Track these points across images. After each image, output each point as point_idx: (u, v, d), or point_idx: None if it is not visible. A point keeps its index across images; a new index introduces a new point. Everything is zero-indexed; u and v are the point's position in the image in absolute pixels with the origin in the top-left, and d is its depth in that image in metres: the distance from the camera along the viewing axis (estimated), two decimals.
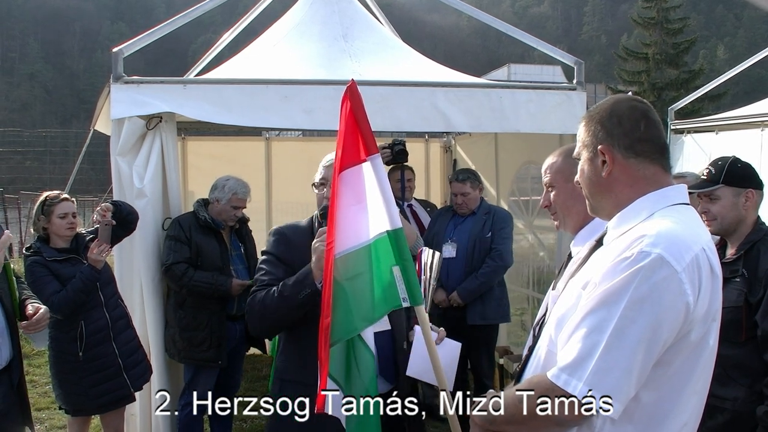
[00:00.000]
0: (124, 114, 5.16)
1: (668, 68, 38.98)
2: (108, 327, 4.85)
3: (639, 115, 2.10)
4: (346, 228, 2.82)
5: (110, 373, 4.82)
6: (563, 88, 5.93)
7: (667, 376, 1.91)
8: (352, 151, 2.85)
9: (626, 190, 2.09)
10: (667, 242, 1.87)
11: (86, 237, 5.03)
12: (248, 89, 5.30)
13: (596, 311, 1.87)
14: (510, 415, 2.02)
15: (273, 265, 3.31)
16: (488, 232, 6.00)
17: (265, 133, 9.15)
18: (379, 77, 5.67)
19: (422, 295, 2.84)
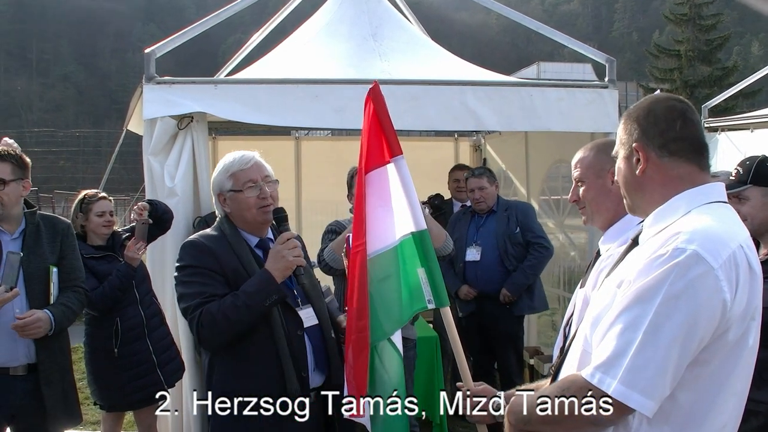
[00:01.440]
0: (156, 114, 5.20)
1: (701, 65, 38.49)
2: (143, 324, 4.92)
3: (676, 114, 2.09)
4: (374, 229, 2.82)
5: (144, 369, 4.89)
6: (595, 86, 5.88)
7: (705, 376, 1.89)
8: (376, 153, 2.86)
9: (660, 189, 2.08)
10: (703, 239, 1.85)
11: (122, 235, 5.12)
12: (278, 89, 5.32)
13: (630, 308, 1.86)
14: (545, 414, 2.01)
15: (206, 277, 3.14)
16: (516, 228, 5.98)
17: (295, 133, 9.17)
18: (409, 76, 5.66)
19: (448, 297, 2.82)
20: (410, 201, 2.78)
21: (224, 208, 3.36)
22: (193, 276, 3.15)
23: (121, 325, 4.85)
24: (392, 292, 2.81)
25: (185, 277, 3.18)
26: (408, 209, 2.78)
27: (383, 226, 2.84)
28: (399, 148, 2.83)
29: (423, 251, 2.76)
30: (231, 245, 3.23)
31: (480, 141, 9.23)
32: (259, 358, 3.10)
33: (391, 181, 2.84)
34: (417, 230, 2.77)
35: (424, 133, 9.91)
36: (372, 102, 2.86)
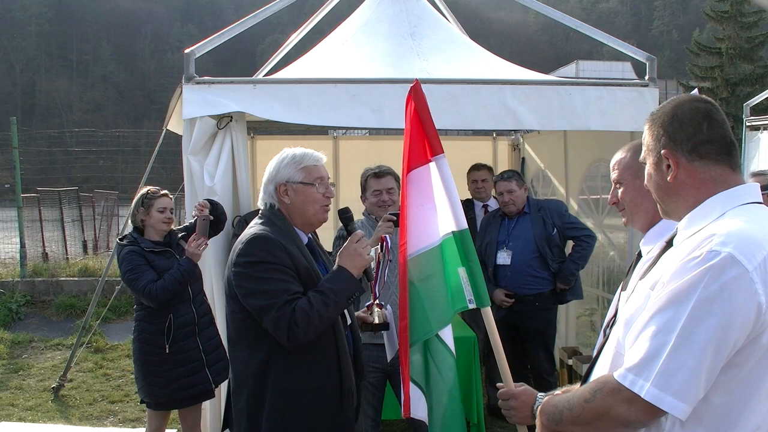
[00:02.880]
0: (195, 114, 5.26)
1: (742, 63, 37.86)
2: (194, 322, 4.96)
3: (701, 116, 2.07)
4: (416, 229, 2.83)
5: (194, 367, 4.92)
6: (635, 84, 5.83)
7: (739, 379, 1.87)
8: (418, 152, 2.87)
9: (693, 192, 2.06)
10: (737, 241, 1.83)
11: (178, 234, 5.19)
12: (317, 88, 5.35)
13: (664, 311, 1.85)
14: (576, 414, 2.02)
15: (285, 274, 3.08)
16: (553, 230, 5.96)
17: (333, 132, 9.20)
18: (447, 75, 5.66)
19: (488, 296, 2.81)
20: (451, 200, 2.78)
21: (283, 199, 3.29)
22: (270, 273, 3.06)
23: (173, 322, 4.88)
24: (437, 290, 2.82)
25: (261, 273, 3.07)
26: (449, 208, 2.78)
27: (424, 226, 2.84)
28: (440, 146, 2.84)
29: (464, 251, 2.76)
30: (294, 241, 3.20)
31: (518, 140, 9.19)
32: (321, 355, 3.12)
33: (433, 180, 2.85)
34: (458, 229, 2.77)
35: (462, 133, 9.88)
36: (413, 101, 2.87)
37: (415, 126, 2.85)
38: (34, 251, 14.03)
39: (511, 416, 2.55)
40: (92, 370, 8.65)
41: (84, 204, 18.67)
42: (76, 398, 7.66)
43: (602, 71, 45.92)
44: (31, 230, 14.21)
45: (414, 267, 2.79)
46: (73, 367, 8.30)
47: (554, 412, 2.12)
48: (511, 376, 2.70)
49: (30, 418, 7.02)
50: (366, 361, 4.42)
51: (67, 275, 12.39)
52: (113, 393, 7.72)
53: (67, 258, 15.00)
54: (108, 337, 9.96)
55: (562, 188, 7.92)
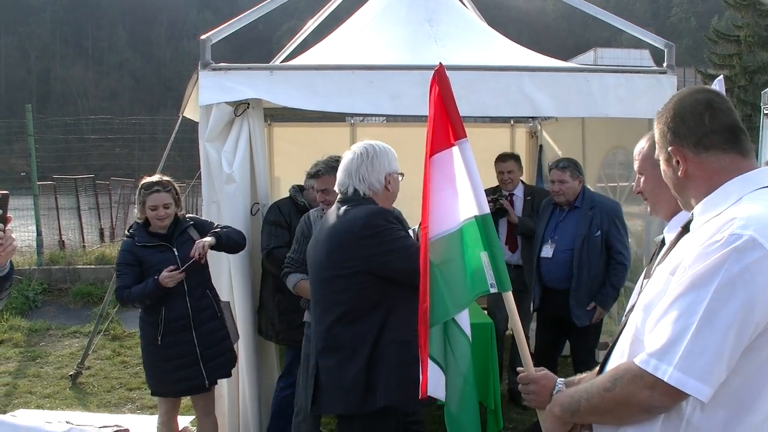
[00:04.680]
0: (212, 100, 5.25)
1: (761, 51, 37.51)
2: (188, 316, 4.81)
3: (702, 108, 2.07)
4: (438, 212, 2.83)
5: (186, 362, 4.82)
6: (653, 71, 5.80)
7: (759, 361, 1.87)
8: (441, 136, 2.86)
9: (705, 183, 2.07)
10: (758, 224, 1.83)
11: (187, 223, 4.99)
12: (334, 75, 5.33)
13: (686, 295, 1.85)
14: (595, 404, 2.02)
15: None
16: (597, 231, 5.70)
17: (350, 119, 9.18)
18: (465, 62, 5.63)
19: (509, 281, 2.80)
20: (474, 184, 2.77)
21: (388, 186, 3.67)
22: (407, 239, 3.49)
23: (165, 316, 4.77)
24: (456, 274, 2.82)
25: (402, 238, 3.49)
26: (471, 193, 2.77)
27: (446, 210, 2.84)
28: (463, 131, 2.83)
29: (486, 235, 2.75)
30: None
31: (536, 127, 9.14)
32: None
33: (456, 164, 2.84)
34: (480, 214, 2.76)
35: (479, 119, 9.83)
36: (437, 84, 2.85)
37: (438, 110, 2.84)
38: (51, 239, 14.08)
39: (530, 400, 2.55)
40: (110, 357, 8.69)
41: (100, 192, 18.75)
42: (93, 385, 7.70)
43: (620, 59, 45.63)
44: (48, 218, 14.27)
45: (434, 250, 2.79)
46: (91, 354, 8.35)
47: (570, 403, 2.12)
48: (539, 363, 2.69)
49: (48, 405, 7.06)
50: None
51: (84, 263, 12.45)
52: (131, 380, 7.76)
53: (83, 246, 15.05)
54: (125, 325, 10.00)
55: None
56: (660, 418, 1.94)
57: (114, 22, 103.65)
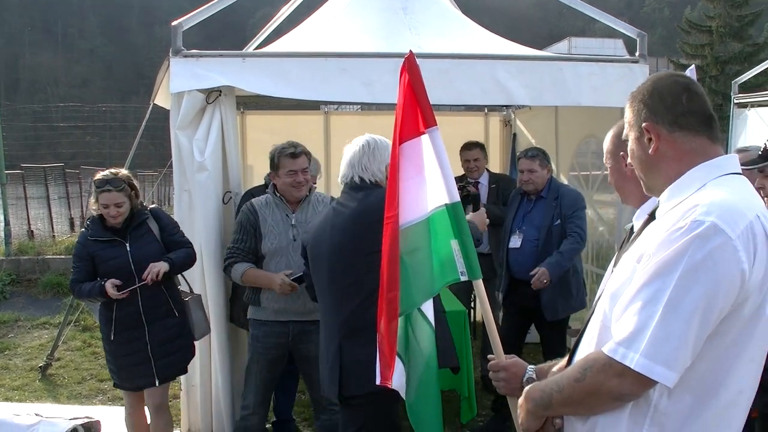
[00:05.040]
0: (183, 88, 5.20)
1: (732, 41, 38.00)
2: (140, 314, 4.69)
3: (680, 89, 2.10)
4: (407, 200, 2.81)
5: (138, 358, 4.73)
6: (626, 60, 5.83)
7: (724, 347, 1.90)
8: (411, 124, 2.84)
9: (674, 164, 2.08)
10: (720, 210, 1.85)
11: (145, 215, 4.85)
12: (307, 62, 5.30)
13: (651, 283, 1.87)
14: (566, 396, 2.03)
15: None
16: (557, 220, 5.65)
17: (324, 107, 9.14)
18: (439, 50, 5.61)
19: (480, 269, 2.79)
20: (444, 173, 2.75)
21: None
22: None
23: (116, 312, 4.68)
24: (423, 263, 2.81)
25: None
26: (441, 180, 2.75)
27: (416, 198, 2.82)
28: (434, 119, 2.80)
29: (456, 223, 2.74)
30: None
31: (510, 116, 9.16)
32: None
33: (425, 152, 2.82)
34: (450, 202, 2.75)
35: (454, 108, 9.83)
36: (407, 72, 2.82)
37: (408, 98, 2.82)
38: (19, 229, 13.94)
39: (500, 387, 2.56)
40: (80, 348, 8.60)
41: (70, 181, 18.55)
42: (64, 377, 7.62)
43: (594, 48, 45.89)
44: (16, 208, 14.13)
45: (402, 239, 2.77)
46: (61, 345, 8.26)
47: (542, 397, 2.12)
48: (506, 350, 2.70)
49: (17, 397, 6.99)
50: (266, 336, 4.76)
51: (53, 253, 12.32)
52: (102, 371, 7.66)
53: (53, 236, 14.91)
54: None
55: (553, 164, 7.87)
56: (629, 406, 1.96)
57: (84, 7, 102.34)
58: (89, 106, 24.23)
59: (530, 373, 2.48)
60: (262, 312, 4.79)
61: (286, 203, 4.81)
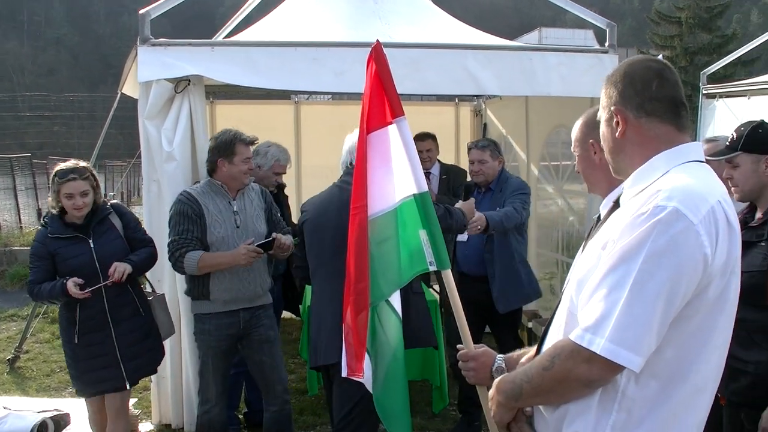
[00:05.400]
0: (151, 77, 5.15)
1: (701, 32, 38.30)
2: (105, 314, 4.47)
3: (652, 74, 2.11)
4: (375, 191, 2.80)
5: (105, 361, 4.50)
6: (595, 51, 5.87)
7: (689, 331, 1.92)
8: (378, 114, 2.83)
9: (639, 149, 2.10)
10: (682, 195, 1.87)
11: (107, 210, 4.65)
12: (277, 51, 5.27)
13: (615, 269, 1.88)
14: (536, 385, 2.03)
15: None
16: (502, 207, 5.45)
17: (294, 97, 9.10)
18: (410, 40, 5.61)
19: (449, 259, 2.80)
20: (412, 163, 2.75)
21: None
22: None
23: (80, 313, 4.44)
24: (391, 254, 2.81)
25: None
26: (409, 171, 2.75)
27: (383, 188, 2.81)
28: (401, 109, 2.79)
29: (425, 213, 2.73)
30: None
31: (480, 106, 9.18)
32: None
33: (393, 142, 2.81)
34: (419, 192, 2.74)
35: (425, 98, 9.84)
36: (374, 62, 2.81)
37: (375, 88, 2.81)
38: None
39: (470, 377, 2.57)
40: (49, 340, 8.50)
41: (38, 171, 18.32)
42: (32, 369, 7.54)
43: (565, 39, 46.03)
44: None
45: (371, 230, 2.76)
46: (29, 338, 8.17)
47: (512, 389, 2.12)
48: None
49: None
50: (217, 328, 4.67)
51: (21, 244, 12.18)
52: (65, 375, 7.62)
53: (20, 227, 14.73)
54: None
55: (523, 154, 7.95)
56: (598, 393, 1.97)
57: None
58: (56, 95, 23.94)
59: (499, 362, 2.48)
60: (209, 305, 4.67)
61: (226, 191, 4.71)
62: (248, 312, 4.74)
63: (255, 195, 4.83)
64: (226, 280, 4.60)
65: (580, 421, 2.02)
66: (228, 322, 4.69)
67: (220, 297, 4.63)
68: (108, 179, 23.27)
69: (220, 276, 4.60)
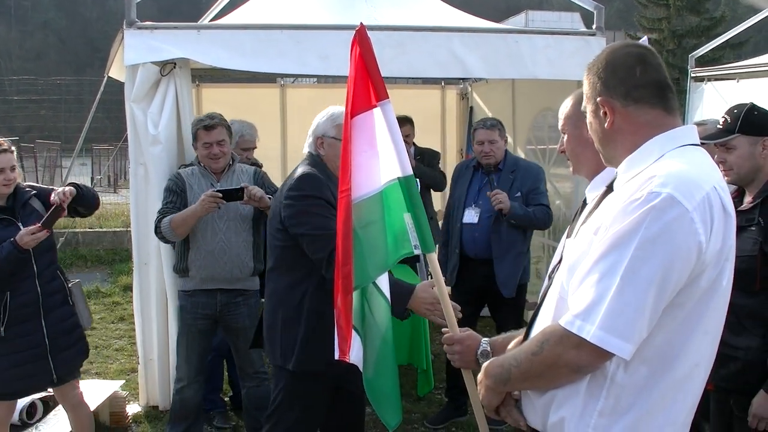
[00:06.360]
0: (137, 60, 5.15)
1: (689, 15, 38.22)
2: (38, 302, 4.13)
3: (634, 60, 2.07)
4: (359, 175, 2.79)
5: (33, 354, 4.14)
6: (582, 33, 5.86)
7: (680, 319, 1.90)
8: (362, 97, 2.80)
9: (630, 137, 2.06)
10: (677, 182, 1.84)
11: (28, 192, 4.28)
12: (262, 34, 5.26)
13: (607, 255, 1.86)
14: (525, 370, 2.02)
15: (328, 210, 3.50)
16: (516, 193, 5.35)
17: (280, 80, 9.08)
18: (395, 22, 5.60)
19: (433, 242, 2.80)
20: (396, 146, 2.73)
21: (319, 150, 3.74)
22: (317, 207, 3.51)
23: (10, 302, 4.06)
24: (377, 237, 2.80)
25: (309, 206, 3.52)
26: (394, 154, 2.74)
27: (368, 172, 2.81)
28: (385, 92, 2.77)
29: (409, 196, 2.73)
30: (334, 183, 3.46)
31: (467, 89, 9.18)
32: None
33: (377, 125, 2.79)
34: (403, 175, 2.73)
35: (411, 81, 9.82)
36: (358, 45, 2.79)
37: (359, 70, 2.78)
38: None
39: (455, 361, 2.56)
40: None
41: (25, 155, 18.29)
42: None
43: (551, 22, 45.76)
44: None
45: (356, 213, 2.76)
46: None
47: (501, 373, 2.11)
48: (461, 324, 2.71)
49: None
50: (193, 306, 4.74)
51: None
52: None
53: None
54: None
55: (510, 137, 7.93)
56: (586, 379, 1.96)
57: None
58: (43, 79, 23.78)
59: (484, 346, 2.48)
60: (189, 282, 4.76)
61: (211, 173, 4.79)
62: (226, 295, 4.77)
63: (246, 178, 4.85)
64: (201, 256, 4.67)
65: (567, 407, 2.01)
66: (204, 302, 4.74)
67: (197, 274, 4.71)
68: (95, 163, 23.15)
69: (197, 252, 4.68)
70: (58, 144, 21.19)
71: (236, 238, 4.72)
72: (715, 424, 3.57)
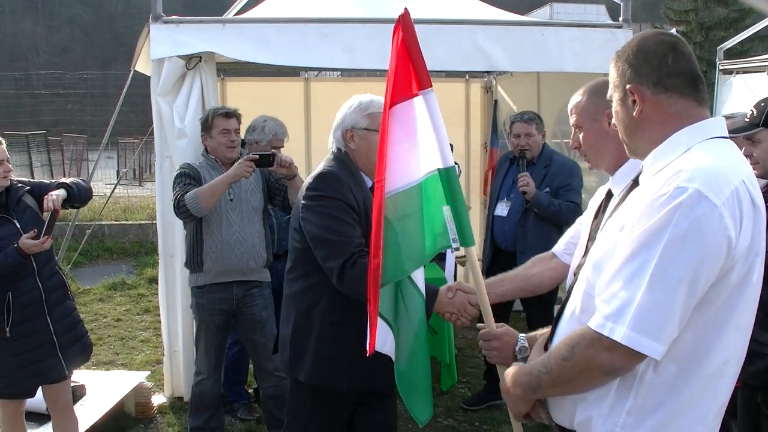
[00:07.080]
0: (163, 54, 5.19)
1: (717, 7, 37.69)
2: (41, 299, 4.08)
3: (666, 48, 2.02)
4: (396, 166, 2.70)
5: (43, 352, 4.09)
6: (609, 26, 5.83)
7: (710, 315, 1.87)
8: (403, 85, 2.66)
9: (659, 127, 2.01)
10: (705, 176, 1.80)
11: (21, 188, 4.19)
12: (287, 28, 5.28)
13: (636, 254, 1.82)
14: (556, 376, 1.99)
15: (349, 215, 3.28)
16: (545, 188, 5.35)
17: (304, 74, 9.08)
18: (419, 15, 5.52)
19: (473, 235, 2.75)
20: (438, 136, 2.62)
21: (349, 144, 3.38)
22: (335, 210, 3.21)
23: (13, 302, 4.00)
24: (413, 230, 2.72)
25: (326, 208, 3.22)
26: (435, 145, 2.65)
27: (405, 163, 2.72)
28: (428, 80, 2.65)
29: (449, 189, 2.63)
30: (359, 183, 3.33)
31: (491, 82, 9.11)
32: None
33: (419, 115, 2.69)
34: (444, 167, 2.65)
35: (434, 74, 9.76)
36: (401, 30, 2.65)
37: (401, 58, 2.62)
38: None
39: (492, 357, 2.53)
40: None
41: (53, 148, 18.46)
42: None
43: (576, 14, 45.41)
44: None
45: (391, 205, 2.68)
46: None
47: (530, 381, 2.08)
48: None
49: None
50: (210, 302, 4.70)
51: None
52: None
53: None
54: (79, 282, 9.92)
55: None
56: (616, 380, 1.94)
57: None
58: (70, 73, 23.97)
59: (522, 342, 2.45)
60: (203, 277, 4.76)
61: (220, 165, 4.80)
62: (242, 288, 4.79)
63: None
64: (218, 248, 4.69)
65: (595, 405, 2.00)
66: (220, 297, 4.76)
67: (212, 267, 4.71)
68: (121, 156, 23.36)
69: (213, 244, 4.69)
70: (85, 137, 21.38)
71: (250, 229, 4.77)
72: (742, 421, 3.51)
